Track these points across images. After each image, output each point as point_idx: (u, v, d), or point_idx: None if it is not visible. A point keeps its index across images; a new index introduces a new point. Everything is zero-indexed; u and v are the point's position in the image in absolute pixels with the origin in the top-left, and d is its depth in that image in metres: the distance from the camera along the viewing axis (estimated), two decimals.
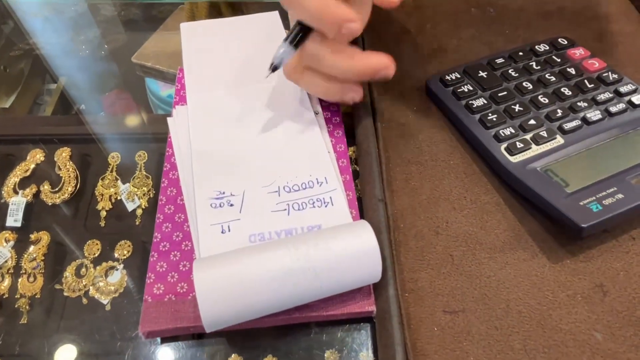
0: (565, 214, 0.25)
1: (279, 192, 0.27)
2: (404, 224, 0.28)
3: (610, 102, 0.31)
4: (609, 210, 0.25)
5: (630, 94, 0.32)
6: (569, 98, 0.32)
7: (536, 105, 0.31)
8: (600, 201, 0.25)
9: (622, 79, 0.33)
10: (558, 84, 0.32)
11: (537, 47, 0.35)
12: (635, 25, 0.40)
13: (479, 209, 0.28)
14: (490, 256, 0.26)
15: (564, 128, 0.30)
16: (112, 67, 0.49)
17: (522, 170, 0.28)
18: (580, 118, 0.30)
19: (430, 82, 0.33)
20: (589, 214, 0.24)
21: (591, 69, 0.33)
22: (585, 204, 0.25)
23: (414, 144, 0.31)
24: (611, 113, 0.31)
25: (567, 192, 0.26)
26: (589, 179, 0.27)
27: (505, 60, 0.34)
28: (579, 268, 0.26)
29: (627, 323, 0.24)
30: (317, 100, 0.33)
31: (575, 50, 0.35)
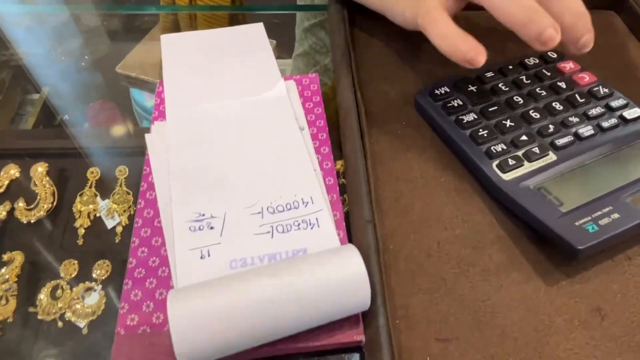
0: (561, 235, 0.24)
1: (262, 213, 0.26)
2: (394, 245, 0.26)
3: (601, 117, 0.31)
4: (605, 231, 0.24)
5: (621, 109, 0.31)
6: (560, 113, 0.31)
7: (527, 120, 0.30)
8: (597, 221, 0.24)
9: (613, 93, 0.32)
10: (549, 98, 0.32)
11: (526, 60, 0.34)
12: (623, 39, 0.40)
13: (471, 228, 0.27)
14: (484, 279, 0.25)
15: (556, 144, 0.29)
16: (96, 78, 0.48)
17: (515, 188, 0.27)
18: (572, 134, 0.30)
19: (419, 97, 0.32)
20: (586, 235, 0.24)
21: (582, 83, 0.33)
22: (581, 224, 0.24)
23: (403, 160, 0.30)
24: (603, 128, 0.30)
25: (562, 211, 0.25)
26: (583, 198, 0.26)
27: (495, 74, 0.33)
28: (575, 290, 0.25)
29: (627, 349, 0.23)
30: (303, 116, 0.32)
31: (565, 64, 0.34)
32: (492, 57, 0.37)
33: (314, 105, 0.33)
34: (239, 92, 0.33)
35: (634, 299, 0.25)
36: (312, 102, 0.33)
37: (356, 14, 0.39)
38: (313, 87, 0.34)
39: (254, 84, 0.33)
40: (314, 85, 0.35)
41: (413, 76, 0.36)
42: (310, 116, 0.32)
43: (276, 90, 0.33)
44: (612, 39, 0.40)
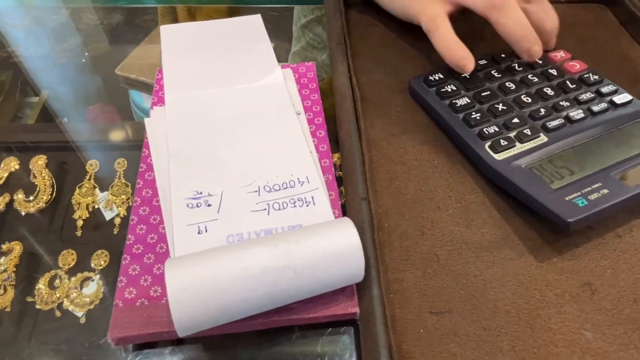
0: (552, 210, 0.24)
1: (259, 191, 0.26)
2: (389, 223, 0.27)
3: (592, 101, 0.31)
4: (594, 204, 0.24)
5: (611, 94, 0.32)
6: (551, 98, 0.32)
7: (519, 104, 0.31)
8: (586, 196, 0.25)
9: (603, 80, 0.33)
10: (540, 84, 0.32)
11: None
12: (613, 32, 0.40)
13: (464, 208, 0.28)
14: (477, 255, 0.26)
15: (548, 126, 0.29)
16: (95, 80, 0.49)
17: (507, 167, 0.27)
18: (564, 117, 0.30)
19: (413, 82, 0.33)
20: (575, 209, 0.24)
21: (573, 71, 0.34)
22: (570, 199, 0.25)
23: (398, 143, 0.31)
24: (593, 112, 0.31)
25: (553, 188, 0.26)
26: (573, 176, 0.26)
27: (488, 62, 0.34)
28: (566, 266, 0.25)
29: (616, 321, 0.23)
30: (299, 101, 0.33)
31: (556, 53, 0.35)
32: (484, 48, 0.38)
33: (310, 92, 0.34)
34: (236, 79, 0.33)
35: (623, 275, 0.25)
36: (308, 89, 0.34)
37: (352, 4, 0.40)
38: (310, 74, 0.35)
39: (251, 72, 0.34)
40: (310, 73, 0.35)
41: (407, 64, 0.36)
42: (306, 102, 0.33)
43: (273, 77, 0.33)
44: (603, 31, 0.40)
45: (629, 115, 0.30)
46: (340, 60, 0.34)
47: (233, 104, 0.32)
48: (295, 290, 0.20)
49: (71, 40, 0.51)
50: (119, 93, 0.49)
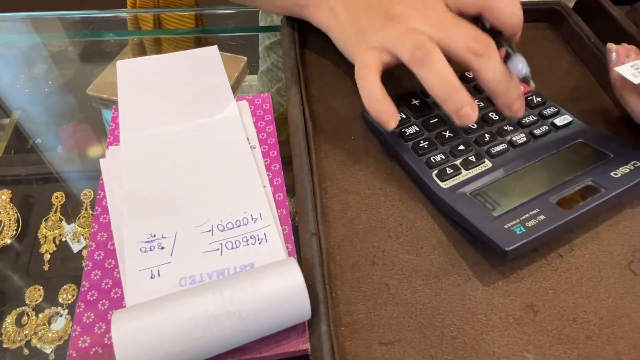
0: (491, 238, 0.25)
1: (213, 231, 0.27)
2: (341, 255, 0.28)
3: (534, 125, 0.33)
4: (531, 232, 0.25)
5: (553, 116, 0.33)
6: (496, 122, 0.33)
7: (466, 131, 0.32)
8: (524, 223, 0.26)
9: (546, 102, 0.34)
10: (486, 109, 0.34)
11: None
12: (558, 49, 0.42)
13: (414, 235, 0.29)
14: (426, 283, 0.27)
15: (492, 152, 0.31)
16: (67, 100, 0.48)
17: (452, 195, 0.28)
18: (507, 142, 0.31)
19: (366, 112, 0.34)
20: (513, 237, 0.25)
21: None
22: (509, 226, 0.26)
23: (351, 173, 0.32)
24: (535, 135, 0.32)
25: (494, 215, 0.27)
26: (514, 202, 0.27)
27: None
28: (510, 289, 0.26)
29: (556, 342, 0.25)
30: (255, 134, 0.33)
31: None
32: None
33: (265, 123, 0.34)
34: (192, 114, 0.34)
35: (564, 295, 0.26)
36: (264, 120, 0.35)
37: (308, 34, 0.41)
38: (265, 106, 0.36)
39: (207, 106, 0.34)
40: (266, 105, 0.36)
41: None
42: (262, 134, 0.34)
43: (228, 111, 0.34)
44: (549, 50, 0.42)
45: (569, 137, 0.32)
46: (294, 92, 0.34)
47: (188, 141, 0.32)
48: (243, 334, 0.21)
49: (41, 63, 0.51)
50: (92, 113, 0.49)
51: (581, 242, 0.29)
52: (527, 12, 0.44)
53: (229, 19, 0.54)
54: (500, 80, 0.28)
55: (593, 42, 0.40)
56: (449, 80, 0.27)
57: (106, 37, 0.52)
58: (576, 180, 0.29)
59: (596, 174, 0.29)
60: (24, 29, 0.53)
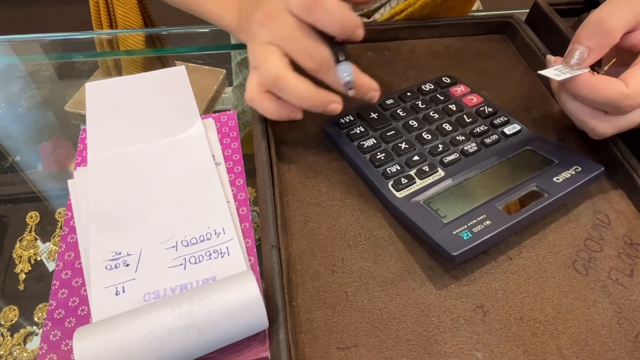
0: (439, 243, 0.27)
1: (177, 247, 0.28)
2: (302, 265, 0.29)
3: (485, 134, 0.35)
4: (477, 236, 0.27)
5: (503, 126, 0.35)
6: (449, 133, 0.35)
7: (421, 141, 0.34)
8: (471, 229, 0.28)
9: (497, 112, 0.36)
10: (441, 120, 0.36)
11: (423, 86, 0.38)
12: (512, 60, 0.44)
13: (372, 244, 0.30)
14: (382, 289, 0.28)
15: (444, 161, 0.32)
16: (46, 117, 0.49)
17: (406, 204, 0.30)
18: (459, 151, 0.33)
19: (327, 127, 0.36)
20: (460, 242, 0.27)
21: (470, 104, 0.37)
22: (457, 232, 0.27)
23: (312, 186, 0.33)
24: (486, 144, 0.34)
25: (444, 222, 0.28)
26: (463, 209, 0.29)
27: (395, 100, 0.37)
28: (462, 291, 0.28)
29: (504, 340, 0.26)
30: (220, 151, 0.35)
31: (457, 88, 0.38)
32: (397, 84, 0.41)
33: (231, 140, 0.36)
34: (159, 133, 0.35)
35: (512, 295, 0.28)
36: (229, 137, 0.36)
37: None
38: (231, 123, 0.37)
39: (173, 125, 0.35)
40: (231, 122, 0.37)
41: None
42: (227, 151, 0.35)
43: (194, 130, 0.35)
44: (503, 60, 0.44)
45: (518, 145, 0.34)
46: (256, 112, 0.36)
47: (154, 159, 0.33)
48: (201, 345, 0.22)
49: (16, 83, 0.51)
50: (71, 129, 0.50)
51: (529, 244, 0.30)
52: (483, 25, 0.47)
53: (202, 37, 0.55)
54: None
55: (543, 52, 0.42)
56: (306, 95, 0.30)
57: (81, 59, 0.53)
58: (522, 186, 0.30)
59: (540, 179, 0.31)
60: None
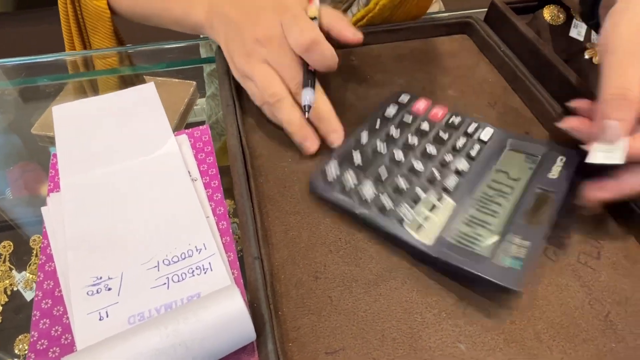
0: (497, 282, 0.26)
1: (159, 266, 0.28)
2: (285, 274, 0.29)
3: (466, 146, 0.34)
4: (528, 261, 0.27)
5: (477, 132, 0.35)
6: (435, 156, 0.34)
7: (415, 173, 0.33)
8: (516, 256, 0.27)
9: (465, 119, 0.36)
10: (421, 144, 0.34)
11: (386, 113, 0.37)
12: (475, 58, 0.46)
13: (353, 247, 0.31)
14: (366, 291, 0.29)
15: (448, 188, 0.31)
16: (13, 142, 0.48)
17: (441, 249, 0.28)
18: (454, 172, 0.32)
19: (315, 187, 0.33)
20: (515, 274, 0.26)
21: (438, 118, 0.36)
22: (506, 264, 0.27)
23: (290, 195, 0.34)
24: (472, 157, 0.33)
25: (485, 256, 0.28)
26: (493, 234, 0.29)
27: (369, 135, 0.35)
28: (442, 287, 0.29)
29: (485, 330, 0.27)
30: (195, 167, 0.35)
31: (419, 104, 0.38)
32: (366, 89, 0.42)
33: (205, 155, 0.36)
34: (131, 153, 0.35)
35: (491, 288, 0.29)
36: (204, 152, 0.36)
37: None
38: (204, 138, 0.37)
39: (146, 144, 0.35)
40: (205, 137, 0.37)
41: None
42: (202, 166, 0.35)
43: (168, 147, 0.35)
44: (465, 59, 0.46)
45: (498, 148, 0.34)
46: (231, 122, 0.36)
47: (129, 180, 0.33)
48: None
49: None
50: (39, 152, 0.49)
51: None
52: (444, 26, 0.48)
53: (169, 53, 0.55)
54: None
55: (502, 50, 0.44)
56: (294, 122, 0.34)
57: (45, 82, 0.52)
58: (527, 192, 0.31)
59: (538, 180, 0.31)
60: None
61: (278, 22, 0.35)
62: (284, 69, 0.34)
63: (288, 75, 0.34)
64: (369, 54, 0.46)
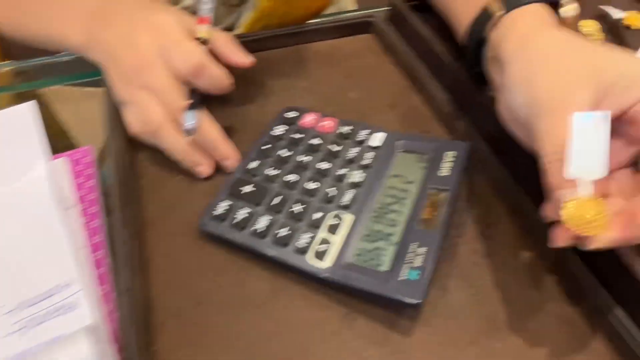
0: (396, 298, 0.25)
1: (15, 311, 0.25)
2: (163, 304, 0.27)
3: (359, 156, 0.33)
4: (424, 270, 0.26)
5: (368, 139, 0.34)
6: (329, 172, 0.32)
7: (310, 194, 0.31)
8: (413, 265, 0.26)
9: (356, 127, 0.35)
10: (314, 162, 0.33)
11: (275, 131, 0.35)
12: (378, 58, 0.45)
13: (239, 268, 0.29)
14: (252, 314, 0.27)
15: (345, 204, 0.30)
16: None
17: (339, 271, 0.27)
18: (350, 186, 0.31)
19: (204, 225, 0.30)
20: (414, 286, 0.25)
21: (328, 131, 0.35)
22: (403, 277, 0.26)
23: (175, 217, 0.32)
24: (366, 166, 0.32)
25: (384, 272, 0.27)
26: (390, 247, 0.28)
27: (258, 160, 0.33)
28: (330, 303, 0.28)
29: (371, 343, 0.26)
30: (71, 194, 0.32)
31: (307, 118, 0.36)
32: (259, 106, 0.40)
33: (85, 179, 0.33)
34: None
35: None
36: (83, 176, 0.33)
37: None
38: (86, 159, 0.35)
39: (8, 172, 0.32)
40: (86, 158, 0.35)
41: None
42: (81, 191, 0.32)
43: (34, 175, 0.32)
44: (369, 60, 0.45)
45: (390, 152, 0.33)
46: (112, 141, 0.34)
47: None
48: None
49: None
50: None
51: None
52: (348, 27, 0.47)
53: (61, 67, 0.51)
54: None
55: (403, 49, 0.43)
56: (179, 148, 0.33)
57: None
58: (421, 194, 0.30)
59: (430, 179, 0.31)
60: None
61: (157, 47, 0.33)
62: (164, 94, 0.32)
63: (168, 100, 0.32)
64: (270, 60, 0.44)
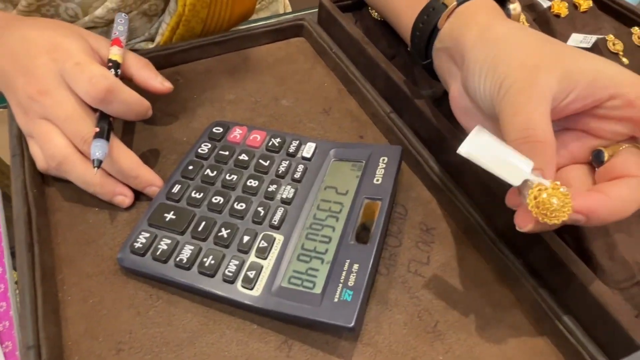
0: (330, 322, 0.24)
1: None
2: (80, 355, 0.25)
3: (290, 169, 0.31)
4: (358, 289, 0.24)
5: (299, 150, 0.33)
6: (258, 189, 0.30)
7: (238, 216, 0.29)
8: (347, 285, 0.25)
9: (285, 138, 0.33)
10: (241, 179, 0.31)
11: (200, 150, 0.32)
12: (311, 62, 0.44)
13: (165, 302, 0.27)
14: (178, 353, 0.25)
15: (274, 224, 0.28)
16: None
17: (270, 299, 0.25)
18: (280, 202, 0.30)
19: (123, 260, 0.27)
20: (347, 307, 0.24)
21: (257, 144, 0.33)
22: (338, 298, 0.24)
23: (93, 253, 0.29)
24: (297, 180, 0.31)
25: (318, 294, 0.25)
26: (325, 267, 0.26)
27: (181, 183, 0.30)
28: (264, 331, 0.26)
29: None
30: None
31: (234, 132, 0.34)
32: (195, 108, 0.38)
33: None
34: None
35: None
36: None
37: None
38: None
39: None
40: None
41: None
42: None
43: None
44: (302, 64, 0.43)
45: (323, 162, 0.32)
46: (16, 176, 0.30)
47: None
48: None
49: None
50: None
51: None
52: (278, 31, 0.45)
53: None
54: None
55: (334, 52, 0.42)
56: (88, 182, 0.30)
57: None
58: (354, 205, 0.29)
59: (364, 189, 0.29)
60: None
61: (56, 72, 0.29)
62: (67, 123, 0.29)
63: (70, 130, 0.29)
64: (196, 70, 0.42)
